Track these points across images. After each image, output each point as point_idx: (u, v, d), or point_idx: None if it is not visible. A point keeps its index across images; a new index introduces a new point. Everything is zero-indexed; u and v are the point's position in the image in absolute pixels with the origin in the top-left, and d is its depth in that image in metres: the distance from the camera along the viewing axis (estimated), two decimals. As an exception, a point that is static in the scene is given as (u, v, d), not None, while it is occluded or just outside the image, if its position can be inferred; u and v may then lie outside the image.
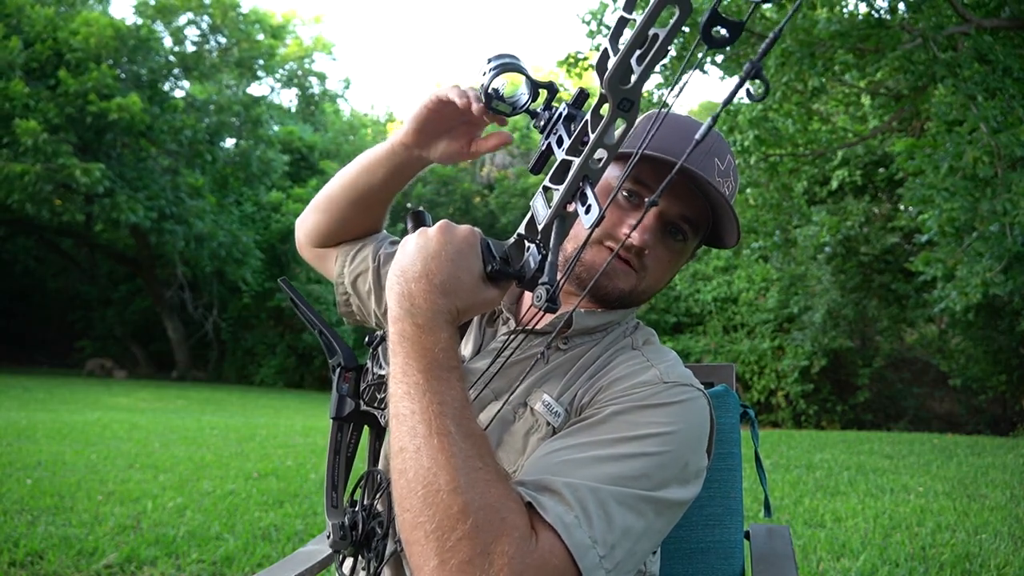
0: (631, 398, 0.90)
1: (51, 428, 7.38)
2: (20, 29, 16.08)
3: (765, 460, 6.35)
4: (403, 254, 0.83)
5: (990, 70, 6.93)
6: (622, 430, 0.86)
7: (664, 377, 0.94)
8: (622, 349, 1.05)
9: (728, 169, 1.04)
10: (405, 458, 0.73)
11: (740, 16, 7.38)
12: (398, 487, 0.73)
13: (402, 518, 0.72)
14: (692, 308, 16.32)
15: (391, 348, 0.79)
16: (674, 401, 0.91)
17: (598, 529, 0.75)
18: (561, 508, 0.75)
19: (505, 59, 0.89)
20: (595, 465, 0.81)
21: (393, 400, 0.77)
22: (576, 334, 1.06)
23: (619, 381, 0.95)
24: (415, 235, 0.84)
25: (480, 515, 0.69)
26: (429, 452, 0.72)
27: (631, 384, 0.93)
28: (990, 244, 7.16)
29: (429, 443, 0.72)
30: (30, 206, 15.57)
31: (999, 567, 3.30)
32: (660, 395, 0.91)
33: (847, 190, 13.95)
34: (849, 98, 11.42)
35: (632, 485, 0.80)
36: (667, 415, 0.88)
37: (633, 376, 0.95)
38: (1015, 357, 12.32)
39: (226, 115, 18.42)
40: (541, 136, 0.85)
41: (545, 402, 0.97)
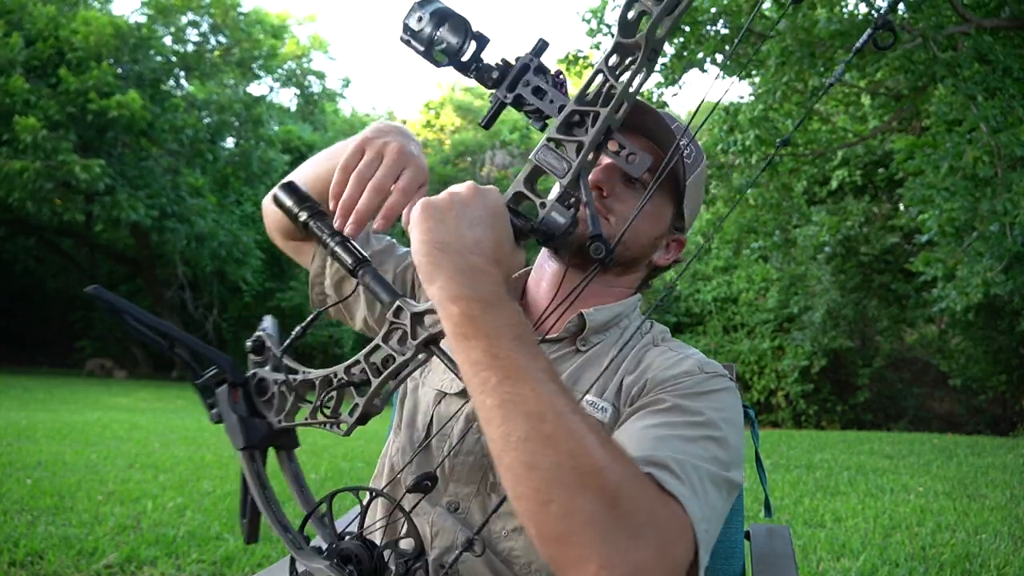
0: (683, 387, 0.93)
1: (51, 428, 7.38)
2: (21, 27, 16.09)
3: (765, 460, 6.35)
4: (437, 224, 0.73)
5: (990, 70, 6.93)
6: (689, 415, 0.88)
7: (704, 367, 0.98)
8: (646, 346, 1.07)
9: (679, 131, 1.07)
10: (531, 448, 0.65)
11: (740, 16, 7.37)
12: (528, 481, 0.65)
13: (545, 512, 0.64)
14: (692, 308, 16.32)
15: (456, 333, 0.70)
16: (718, 389, 0.95)
17: (703, 505, 0.75)
18: (675, 481, 0.74)
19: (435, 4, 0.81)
20: (683, 444, 0.82)
21: (485, 390, 0.67)
22: (591, 333, 1.07)
23: (664, 372, 0.97)
24: (443, 200, 0.75)
25: (632, 488, 0.67)
26: (566, 434, 0.65)
27: (677, 374, 0.96)
28: (990, 244, 7.16)
29: (561, 425, 0.65)
30: (30, 204, 15.57)
31: (999, 567, 3.30)
32: (705, 384, 0.94)
33: (847, 190, 13.95)
34: (849, 98, 11.42)
35: (717, 465, 0.82)
36: (717, 402, 0.92)
37: (676, 367, 0.98)
38: (1015, 357, 12.31)
39: (227, 115, 18.42)
40: (497, 90, 0.80)
41: (588, 401, 0.98)
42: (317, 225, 0.87)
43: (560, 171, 0.77)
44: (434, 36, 0.79)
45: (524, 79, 0.79)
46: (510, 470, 0.66)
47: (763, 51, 8.23)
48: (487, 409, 0.67)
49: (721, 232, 11.16)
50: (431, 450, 1.05)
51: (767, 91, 8.41)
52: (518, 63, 0.80)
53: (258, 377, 0.82)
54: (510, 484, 0.66)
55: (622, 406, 0.97)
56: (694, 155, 1.12)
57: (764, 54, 8.20)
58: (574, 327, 1.08)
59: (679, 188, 1.10)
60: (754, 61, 9.09)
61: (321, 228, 0.86)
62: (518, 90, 0.79)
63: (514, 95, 0.80)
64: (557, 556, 0.65)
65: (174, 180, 17.72)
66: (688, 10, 0.76)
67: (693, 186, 1.12)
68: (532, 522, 0.66)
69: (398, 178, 0.87)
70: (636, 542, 0.64)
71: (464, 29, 0.80)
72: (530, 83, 0.79)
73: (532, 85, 0.79)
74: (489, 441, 0.68)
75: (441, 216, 0.73)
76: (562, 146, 0.77)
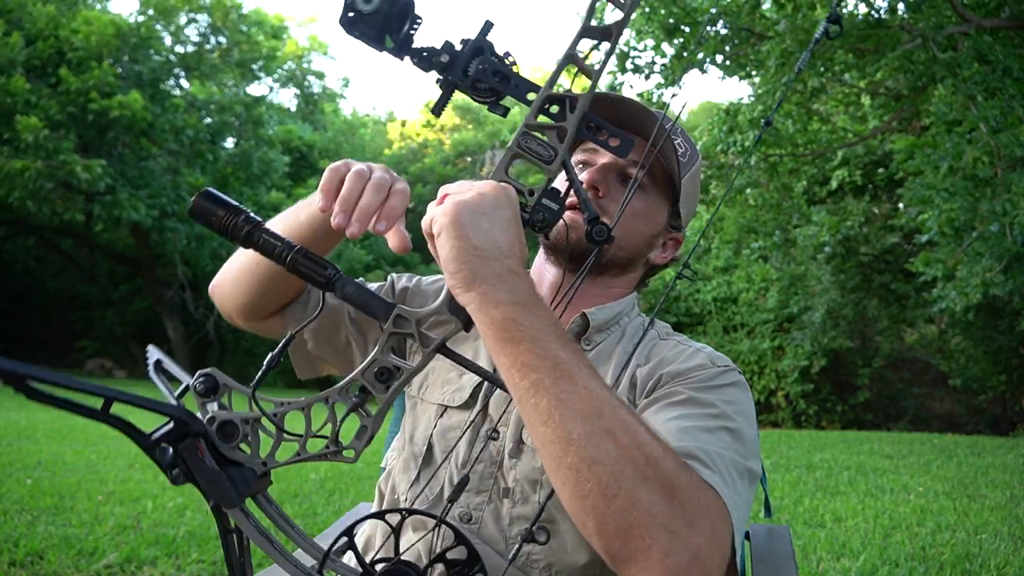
0: (696, 380, 0.94)
1: (51, 428, 7.38)
2: (21, 26, 16.09)
3: (765, 460, 6.33)
4: (473, 229, 0.70)
5: (990, 70, 6.93)
6: (704, 407, 0.89)
7: (715, 361, 0.99)
8: (651, 340, 1.08)
9: (674, 130, 1.09)
10: (595, 443, 0.66)
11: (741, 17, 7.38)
12: (593, 477, 0.65)
13: (609, 507, 0.65)
14: (692, 308, 16.32)
15: (501, 338, 0.69)
16: (731, 383, 0.96)
17: (734, 494, 0.78)
18: (708, 471, 0.76)
19: None
20: (704, 435, 0.83)
21: (539, 391, 0.67)
22: (594, 332, 1.09)
23: (678, 365, 0.98)
24: (476, 202, 0.71)
25: (684, 477, 0.69)
26: (623, 427, 0.67)
27: (690, 367, 0.97)
28: (990, 244, 7.15)
29: (617, 419, 0.67)
30: (31, 203, 15.57)
31: (999, 567, 3.30)
32: (719, 378, 0.95)
33: (847, 190, 13.95)
34: (849, 98, 11.42)
35: (738, 455, 0.84)
36: (729, 395, 0.93)
37: (688, 360, 0.99)
38: (1015, 357, 12.31)
39: (227, 115, 18.42)
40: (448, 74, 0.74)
41: None
42: (267, 235, 0.75)
43: (546, 158, 0.75)
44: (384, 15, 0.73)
45: (478, 62, 0.74)
46: (573, 468, 0.66)
47: (763, 52, 8.23)
48: (543, 411, 0.67)
49: (721, 231, 11.16)
50: (435, 464, 1.04)
51: (767, 91, 8.41)
52: (468, 45, 0.75)
53: (219, 421, 0.71)
54: (572, 483, 0.67)
55: (637, 398, 0.98)
56: (689, 153, 1.12)
57: (764, 55, 8.20)
58: (577, 327, 1.08)
59: (674, 187, 1.10)
60: (754, 62, 9.09)
61: (274, 237, 0.75)
62: (475, 74, 0.74)
63: (472, 79, 0.74)
64: (620, 549, 0.66)
65: (174, 180, 17.72)
66: (687, 11, 0.77)
67: (689, 183, 1.12)
68: (594, 519, 0.66)
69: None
70: (692, 529, 0.67)
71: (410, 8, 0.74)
72: (488, 67, 0.74)
73: (492, 69, 0.74)
74: (546, 444, 0.68)
75: (475, 221, 0.70)
76: (545, 133, 0.75)
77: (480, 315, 0.70)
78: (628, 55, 9.47)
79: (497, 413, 1.03)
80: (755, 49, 8.78)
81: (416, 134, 26.98)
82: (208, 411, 0.72)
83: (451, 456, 1.02)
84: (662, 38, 9.09)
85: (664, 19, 8.81)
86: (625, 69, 9.55)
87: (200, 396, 0.73)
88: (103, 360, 19.85)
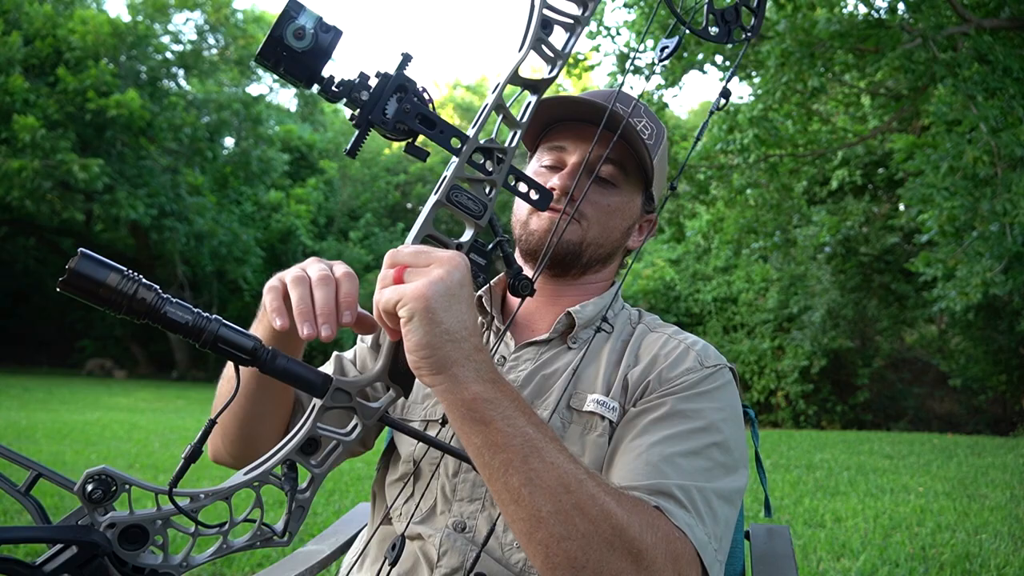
0: (683, 387, 0.95)
1: (51, 428, 7.38)
2: (19, 25, 16.10)
3: (765, 460, 6.35)
4: (445, 313, 0.67)
5: (990, 70, 6.93)
6: (689, 422, 0.90)
7: (703, 361, 0.99)
8: (641, 335, 1.07)
9: (636, 112, 1.08)
10: (562, 520, 0.68)
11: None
12: (562, 552, 0.68)
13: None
14: (692, 308, 16.31)
15: (470, 419, 0.69)
16: (718, 385, 0.97)
17: (710, 526, 0.82)
18: (681, 512, 0.80)
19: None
20: (687, 460, 0.86)
21: (509, 470, 0.68)
22: (580, 329, 1.08)
23: (666, 369, 0.98)
24: (446, 284, 0.68)
25: (649, 537, 0.73)
26: (590, 501, 0.70)
27: (680, 372, 0.97)
28: (990, 244, 7.15)
29: (584, 492, 0.70)
30: (29, 203, 15.57)
31: (999, 567, 3.30)
32: (706, 381, 0.96)
33: (847, 190, 13.95)
34: (849, 98, 11.42)
35: (721, 477, 0.87)
36: (717, 401, 0.94)
37: (677, 363, 0.99)
38: (1015, 357, 12.31)
39: (225, 113, 18.42)
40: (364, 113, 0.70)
41: (598, 401, 0.99)
42: (173, 307, 0.65)
43: (476, 212, 0.73)
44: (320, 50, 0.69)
45: (399, 100, 0.70)
46: (543, 544, 0.69)
47: (763, 52, 8.23)
48: (513, 490, 0.69)
49: (721, 231, 11.15)
50: (425, 477, 1.03)
51: (767, 92, 8.41)
52: (390, 82, 0.70)
53: (121, 526, 0.62)
54: (543, 556, 0.69)
55: (627, 403, 0.98)
56: (655, 132, 1.10)
57: (764, 55, 8.20)
58: (563, 326, 1.08)
59: (646, 173, 1.09)
60: (754, 62, 9.09)
61: (183, 309, 0.65)
62: (396, 115, 0.70)
63: (392, 120, 0.70)
64: None
65: (173, 179, 17.72)
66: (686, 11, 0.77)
67: (659, 163, 1.11)
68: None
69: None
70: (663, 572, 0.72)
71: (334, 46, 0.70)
72: (412, 108, 0.70)
73: (416, 112, 0.70)
74: (516, 521, 0.70)
75: (448, 304, 0.68)
76: (474, 185, 0.73)
77: (449, 397, 0.69)
78: (628, 56, 9.47)
79: None
80: (755, 49, 8.78)
81: (416, 134, 26.99)
82: (103, 518, 0.62)
83: (440, 468, 1.02)
84: (662, 38, 9.10)
85: (664, 19, 8.81)
86: (625, 70, 9.55)
87: (89, 501, 0.63)
88: (103, 360, 19.84)
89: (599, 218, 1.06)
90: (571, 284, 1.11)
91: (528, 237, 1.07)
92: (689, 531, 0.78)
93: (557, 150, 1.07)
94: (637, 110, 1.07)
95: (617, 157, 1.05)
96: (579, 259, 1.07)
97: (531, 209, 1.06)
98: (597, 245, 1.08)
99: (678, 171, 1.09)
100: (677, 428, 0.89)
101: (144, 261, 19.82)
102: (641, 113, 1.09)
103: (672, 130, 10.61)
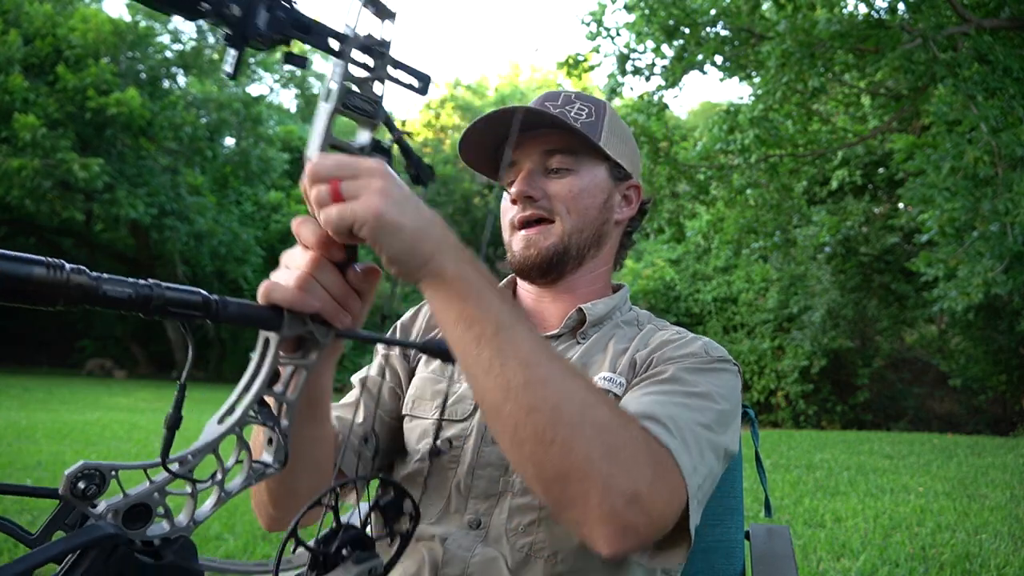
0: (688, 362, 0.96)
1: (51, 428, 7.39)
2: (19, 24, 16.10)
3: (765, 460, 6.35)
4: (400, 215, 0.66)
5: (990, 70, 6.93)
6: (689, 386, 0.91)
7: (710, 351, 1.00)
8: (650, 332, 1.09)
9: (566, 100, 1.10)
10: (531, 391, 0.68)
11: (740, 18, 7.37)
12: (531, 424, 0.68)
13: (547, 452, 0.68)
14: (692, 308, 16.32)
15: (450, 297, 0.69)
16: (720, 370, 0.98)
17: (696, 459, 0.81)
18: (667, 435, 0.79)
19: None
20: (680, 410, 0.86)
21: (481, 342, 0.69)
22: (589, 326, 1.10)
23: (672, 349, 1.00)
24: (383, 187, 0.66)
25: (622, 424, 0.73)
26: (560, 375, 0.70)
27: (685, 353, 0.98)
28: (991, 244, 7.15)
29: (554, 367, 0.70)
30: (29, 202, 15.57)
31: (999, 567, 3.30)
32: (709, 364, 0.97)
33: (847, 190, 13.95)
34: (849, 98, 11.42)
35: (713, 430, 0.87)
36: (717, 379, 0.95)
37: (684, 347, 1.00)
38: (1015, 357, 12.31)
39: (226, 112, 18.42)
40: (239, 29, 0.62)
41: (604, 377, 1.01)
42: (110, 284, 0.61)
43: (371, 113, 0.70)
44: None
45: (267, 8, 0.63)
46: (511, 416, 0.69)
47: (763, 52, 8.23)
48: (484, 361, 0.69)
49: (721, 231, 11.15)
50: (443, 473, 1.03)
51: (767, 92, 8.41)
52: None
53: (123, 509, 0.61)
54: (510, 431, 0.69)
55: (633, 379, 0.99)
56: (592, 110, 1.11)
57: (764, 55, 8.20)
58: (573, 322, 1.09)
59: (594, 145, 1.08)
60: (754, 63, 9.09)
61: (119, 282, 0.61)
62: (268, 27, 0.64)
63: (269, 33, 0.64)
64: (559, 495, 0.70)
65: (173, 179, 17.73)
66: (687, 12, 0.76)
67: (611, 134, 1.10)
68: (533, 465, 0.69)
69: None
70: (630, 474, 0.70)
71: None
72: (285, 18, 0.65)
73: (291, 20, 0.65)
74: (486, 393, 0.70)
75: (402, 207, 0.66)
76: (362, 85, 0.69)
77: (432, 284, 0.69)
78: (628, 57, 9.48)
79: None
80: (755, 50, 8.78)
81: (416, 133, 27.00)
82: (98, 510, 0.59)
83: (459, 463, 1.02)
84: (662, 40, 9.09)
85: (664, 20, 8.81)
86: (625, 71, 9.56)
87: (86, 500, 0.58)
88: (103, 360, 19.84)
89: (568, 205, 1.07)
90: (578, 275, 1.12)
91: (514, 259, 1.10)
92: (674, 451, 0.77)
93: (512, 168, 1.10)
94: (567, 99, 1.10)
95: (558, 145, 1.08)
96: (568, 254, 1.08)
97: (508, 234, 1.11)
98: (578, 231, 1.08)
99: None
100: (673, 387, 0.90)
101: (144, 261, 19.83)
102: (572, 99, 1.11)
103: (672, 130, 10.58)
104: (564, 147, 1.08)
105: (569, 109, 1.09)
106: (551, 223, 1.07)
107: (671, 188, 10.12)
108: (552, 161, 1.08)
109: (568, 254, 1.08)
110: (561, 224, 1.07)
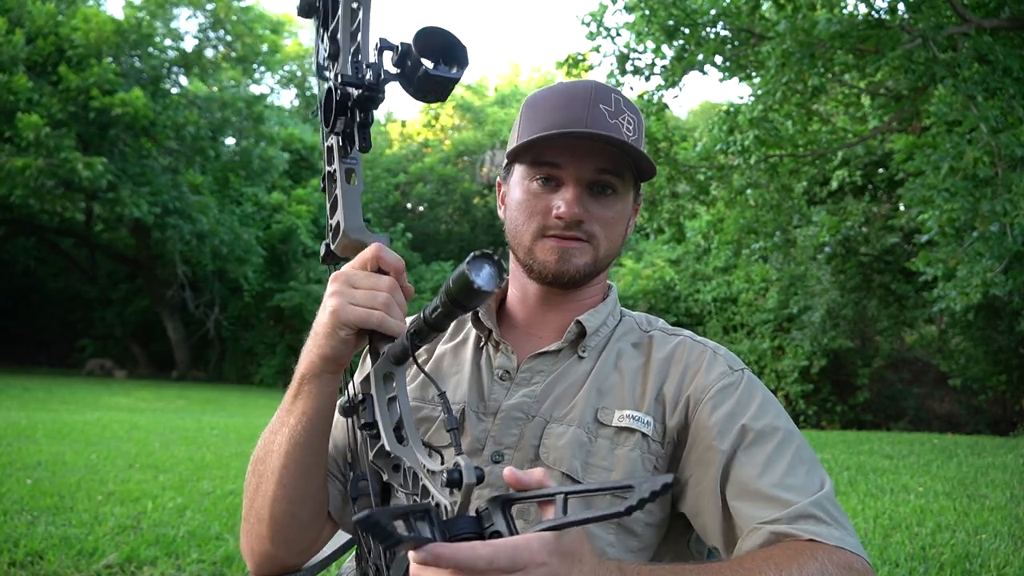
0: (737, 399, 0.99)
1: (51, 428, 7.38)
2: (22, 24, 16.11)
3: (765, 460, 6.32)
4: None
5: (990, 70, 6.92)
6: (773, 435, 0.95)
7: (732, 365, 1.03)
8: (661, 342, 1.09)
9: (618, 109, 1.03)
10: None
11: (740, 18, 7.36)
12: None
13: None
14: (692, 308, 16.32)
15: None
16: (755, 388, 1.01)
17: (848, 527, 0.89)
18: (827, 529, 0.87)
19: None
20: (796, 474, 0.92)
21: None
22: (590, 338, 1.08)
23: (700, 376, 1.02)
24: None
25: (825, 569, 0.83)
26: None
27: (714, 377, 1.01)
28: (990, 244, 7.15)
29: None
30: (33, 201, 15.59)
31: (999, 567, 3.30)
32: (745, 384, 1.01)
33: (847, 190, 13.95)
34: (849, 98, 11.41)
35: (820, 471, 0.94)
36: (767, 402, 0.99)
37: (709, 368, 1.02)
38: (1015, 357, 12.31)
39: (228, 112, 18.42)
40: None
41: (632, 416, 1.00)
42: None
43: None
44: None
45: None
46: None
47: (763, 53, 8.22)
48: None
49: (721, 231, 11.14)
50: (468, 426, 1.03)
51: (767, 92, 8.40)
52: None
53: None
54: None
55: (667, 417, 1.00)
56: (636, 122, 1.05)
57: (764, 55, 8.19)
58: (573, 335, 1.08)
59: (639, 172, 1.08)
60: (754, 63, 9.08)
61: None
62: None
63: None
64: None
65: (175, 178, 17.74)
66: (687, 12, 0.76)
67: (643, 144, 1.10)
68: None
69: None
70: None
71: None
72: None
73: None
74: None
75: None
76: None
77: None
78: (628, 57, 9.47)
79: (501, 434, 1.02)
80: (755, 50, 8.78)
81: (416, 134, 26.97)
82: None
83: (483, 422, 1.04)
84: (662, 40, 9.09)
85: (664, 20, 8.80)
86: (625, 71, 9.55)
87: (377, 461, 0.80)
88: (103, 360, 19.85)
89: (607, 232, 1.05)
90: (587, 287, 1.11)
91: (536, 266, 1.05)
92: (844, 543, 0.85)
93: (549, 166, 1.03)
94: (618, 105, 1.03)
95: (610, 166, 1.03)
96: (595, 273, 1.08)
97: (533, 236, 1.04)
98: (607, 258, 1.08)
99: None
100: (767, 448, 0.94)
101: (144, 261, 19.83)
102: (622, 107, 1.03)
103: (671, 131, 10.57)
104: (615, 168, 1.04)
105: (622, 121, 1.03)
106: (587, 243, 1.04)
107: (671, 188, 10.11)
108: (601, 179, 1.04)
109: (595, 273, 1.08)
110: (598, 247, 1.05)
